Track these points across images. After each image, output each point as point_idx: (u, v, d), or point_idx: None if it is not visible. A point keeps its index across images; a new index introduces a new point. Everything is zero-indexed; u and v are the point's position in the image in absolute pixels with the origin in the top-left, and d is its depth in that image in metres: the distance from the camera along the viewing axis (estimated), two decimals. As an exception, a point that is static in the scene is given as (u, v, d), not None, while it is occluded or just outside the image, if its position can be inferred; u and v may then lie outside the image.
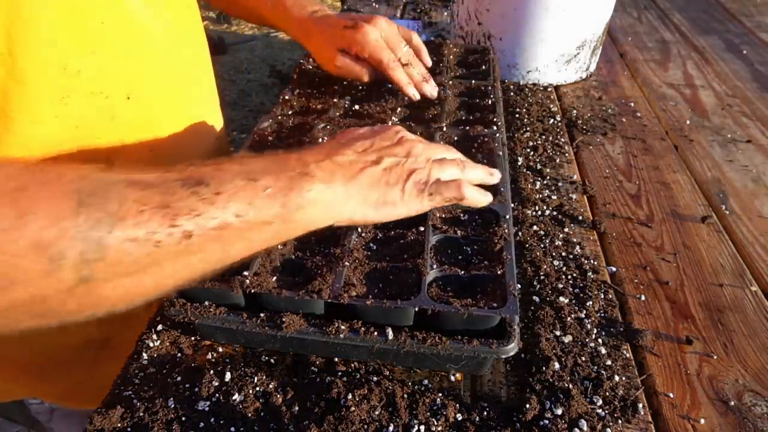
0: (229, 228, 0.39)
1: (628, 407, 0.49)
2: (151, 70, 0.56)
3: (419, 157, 0.52)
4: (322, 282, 0.48)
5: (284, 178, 0.43)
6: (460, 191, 0.51)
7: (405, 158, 0.51)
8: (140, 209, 0.35)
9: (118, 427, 0.45)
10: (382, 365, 0.50)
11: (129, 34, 0.53)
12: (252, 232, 0.41)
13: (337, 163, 0.47)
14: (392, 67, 0.70)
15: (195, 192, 0.38)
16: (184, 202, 0.37)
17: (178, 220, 0.36)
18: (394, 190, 0.49)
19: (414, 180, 0.50)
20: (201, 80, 0.69)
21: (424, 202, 0.51)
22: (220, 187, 0.39)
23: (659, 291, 0.63)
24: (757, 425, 0.49)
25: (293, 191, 0.42)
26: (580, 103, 1.04)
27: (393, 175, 0.49)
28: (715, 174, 0.85)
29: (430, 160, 0.52)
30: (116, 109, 0.53)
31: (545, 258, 0.64)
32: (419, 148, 0.52)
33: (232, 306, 0.49)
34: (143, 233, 0.34)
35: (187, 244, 0.36)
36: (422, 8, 1.51)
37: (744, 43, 1.34)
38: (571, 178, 0.82)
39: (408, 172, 0.50)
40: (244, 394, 0.47)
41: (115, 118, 0.53)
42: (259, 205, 0.40)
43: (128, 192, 0.35)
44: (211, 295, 0.49)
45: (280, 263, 0.52)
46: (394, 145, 0.52)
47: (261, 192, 0.41)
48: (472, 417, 0.47)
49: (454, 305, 0.46)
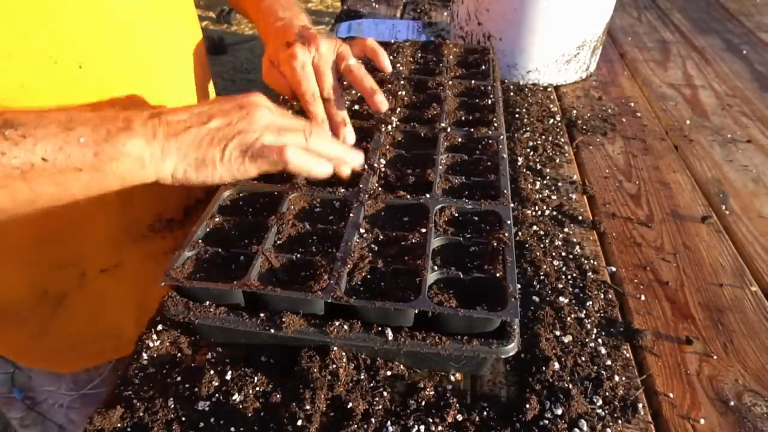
0: (34, 170, 0.42)
1: (628, 407, 0.49)
2: (106, 42, 0.56)
3: (257, 122, 0.51)
4: (323, 282, 0.48)
5: (103, 130, 0.45)
6: (282, 155, 0.50)
7: (239, 121, 0.50)
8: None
9: (118, 427, 0.45)
10: (383, 365, 0.50)
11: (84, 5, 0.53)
12: (62, 176, 0.43)
13: (164, 122, 0.48)
14: (308, 100, 0.62)
15: (1, 132, 0.41)
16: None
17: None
18: (214, 150, 0.49)
19: (238, 141, 0.49)
20: (172, 61, 0.67)
21: (247, 165, 0.50)
22: (30, 131, 0.42)
23: (659, 291, 0.63)
24: (756, 425, 0.49)
25: (108, 143, 0.44)
26: (580, 103, 1.04)
27: (219, 135, 0.49)
28: (715, 174, 0.85)
29: (269, 126, 0.51)
30: (67, 76, 0.53)
31: (545, 258, 0.64)
32: (261, 113, 0.51)
33: (232, 306, 0.49)
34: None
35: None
36: (422, 8, 1.51)
37: (744, 43, 1.34)
38: (571, 178, 0.81)
39: (234, 134, 0.49)
40: (244, 394, 0.47)
41: (65, 85, 0.54)
42: (69, 152, 0.43)
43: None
44: (211, 295, 0.49)
45: (280, 263, 0.52)
46: (233, 108, 0.51)
47: (74, 140, 0.43)
48: (472, 417, 0.47)
49: (454, 307, 0.46)
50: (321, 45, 0.63)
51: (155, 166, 0.47)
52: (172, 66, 0.68)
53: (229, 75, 3.29)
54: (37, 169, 0.42)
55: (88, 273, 0.66)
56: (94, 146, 0.44)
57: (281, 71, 0.64)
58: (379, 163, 0.65)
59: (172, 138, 0.48)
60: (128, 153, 0.45)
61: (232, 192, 0.61)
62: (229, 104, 0.52)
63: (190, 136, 0.48)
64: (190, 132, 0.48)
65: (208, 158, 0.49)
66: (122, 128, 0.46)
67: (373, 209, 0.59)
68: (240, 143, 0.50)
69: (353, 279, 0.50)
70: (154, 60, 0.63)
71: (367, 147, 0.67)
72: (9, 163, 0.41)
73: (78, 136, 0.44)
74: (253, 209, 0.60)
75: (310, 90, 0.62)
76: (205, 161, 0.49)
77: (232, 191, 0.61)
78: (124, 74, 0.59)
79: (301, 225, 0.56)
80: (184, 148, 0.48)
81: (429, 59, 0.91)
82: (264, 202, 0.60)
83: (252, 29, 3.94)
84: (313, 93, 0.63)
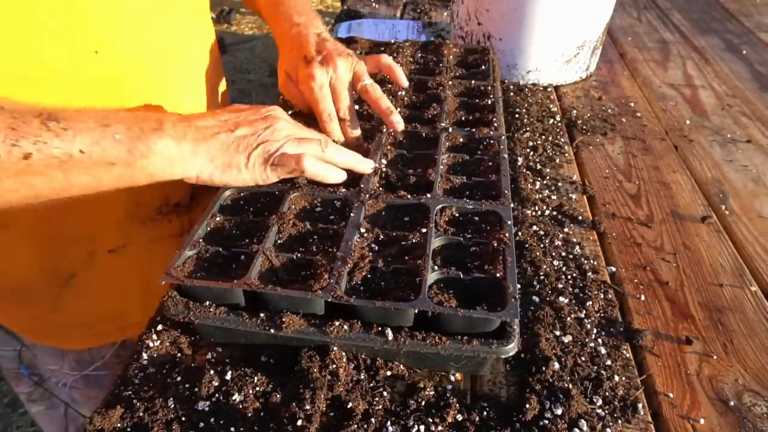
0: (72, 160, 0.45)
1: (628, 407, 0.49)
2: (123, 29, 0.58)
3: (278, 132, 0.56)
4: (323, 281, 0.48)
5: (136, 128, 0.49)
6: (300, 163, 0.55)
7: (263, 131, 0.55)
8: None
9: (118, 427, 0.45)
10: (383, 365, 0.50)
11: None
12: (96, 169, 0.47)
13: (194, 126, 0.52)
14: (325, 120, 0.66)
15: (44, 123, 0.44)
16: (31, 128, 0.43)
17: (20, 142, 0.43)
18: (240, 156, 0.54)
19: (262, 150, 0.54)
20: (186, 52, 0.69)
21: (268, 172, 0.56)
22: (71, 124, 0.45)
23: (659, 291, 0.63)
24: (756, 425, 0.49)
25: (141, 141, 0.48)
26: (580, 103, 1.04)
27: (244, 142, 0.54)
28: (715, 174, 0.85)
29: (290, 137, 0.56)
30: (84, 61, 0.56)
31: (545, 258, 0.64)
32: (282, 125, 0.57)
33: (233, 306, 0.49)
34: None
35: (26, 164, 0.43)
36: (422, 8, 1.51)
37: (744, 43, 1.34)
38: (570, 178, 0.82)
39: (259, 143, 0.54)
40: (244, 394, 0.47)
41: (82, 69, 0.56)
42: (105, 146, 0.47)
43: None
44: (212, 294, 0.49)
45: (281, 263, 0.52)
46: (258, 120, 0.56)
47: (110, 136, 0.47)
48: (472, 417, 0.47)
49: (454, 307, 0.46)
50: (339, 65, 0.66)
51: (183, 165, 0.52)
52: (186, 57, 0.70)
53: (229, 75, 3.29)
54: (75, 160, 0.46)
55: (96, 253, 0.68)
56: (127, 143, 0.48)
57: (299, 89, 0.68)
58: (380, 162, 0.65)
59: (202, 141, 0.52)
60: (158, 152, 0.50)
61: (233, 191, 0.61)
62: (254, 115, 0.57)
63: (219, 142, 0.53)
64: (218, 138, 0.53)
65: (234, 163, 0.54)
66: (154, 128, 0.50)
67: (374, 209, 0.59)
68: (264, 151, 0.55)
69: (353, 278, 0.50)
70: (168, 49, 0.65)
71: (369, 147, 0.68)
72: (50, 152, 0.44)
73: (114, 132, 0.47)
74: (253, 208, 0.60)
75: (327, 110, 0.66)
76: (230, 165, 0.54)
77: (233, 190, 0.61)
78: (139, 61, 0.61)
79: (301, 224, 0.56)
80: (213, 152, 0.53)
81: (429, 59, 0.91)
82: (265, 202, 0.60)
83: (251, 29, 3.94)
84: (330, 113, 0.66)
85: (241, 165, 0.54)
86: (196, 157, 0.52)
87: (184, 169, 0.52)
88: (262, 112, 0.57)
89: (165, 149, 0.50)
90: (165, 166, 0.51)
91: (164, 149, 0.50)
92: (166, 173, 0.51)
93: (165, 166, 0.51)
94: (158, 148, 0.49)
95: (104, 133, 0.47)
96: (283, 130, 0.56)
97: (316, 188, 0.60)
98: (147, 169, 0.50)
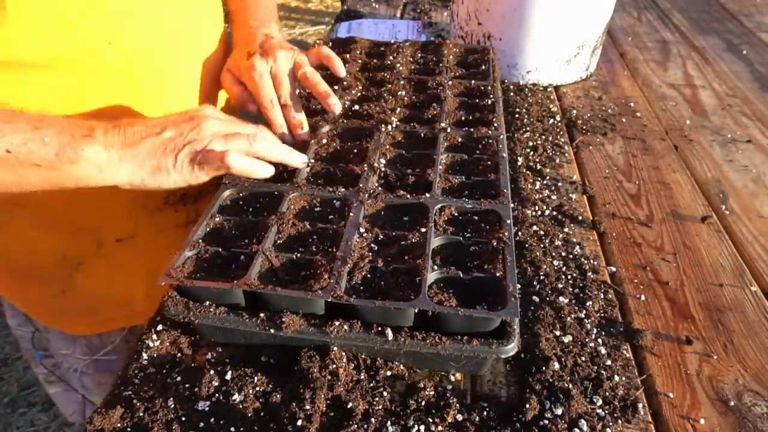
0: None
1: (628, 407, 0.49)
2: (136, 22, 0.60)
3: (204, 131, 0.56)
4: (323, 281, 0.48)
5: (67, 134, 0.50)
6: (224, 160, 0.55)
7: (189, 131, 0.56)
8: None
9: (118, 427, 0.45)
10: (383, 365, 0.50)
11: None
12: (21, 168, 0.49)
13: (123, 132, 0.53)
14: (266, 106, 0.68)
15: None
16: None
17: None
18: (168, 158, 0.54)
19: (188, 150, 0.55)
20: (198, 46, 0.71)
21: (196, 171, 0.56)
22: (1, 125, 0.48)
23: (659, 291, 0.63)
24: (756, 425, 0.49)
25: (69, 146, 0.50)
26: (580, 103, 1.04)
27: (171, 145, 0.54)
28: (715, 174, 0.85)
29: (216, 135, 0.56)
30: (97, 51, 0.58)
31: (545, 258, 0.64)
32: (208, 124, 0.57)
33: (233, 306, 0.49)
34: None
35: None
36: (422, 8, 1.51)
37: (744, 43, 1.34)
38: (571, 178, 0.81)
39: (185, 143, 0.55)
40: (244, 394, 0.47)
41: (95, 59, 0.58)
42: (33, 148, 0.48)
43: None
44: (212, 294, 0.49)
45: (280, 263, 0.52)
46: (185, 121, 0.57)
47: (39, 138, 0.49)
48: (472, 417, 0.47)
49: (454, 307, 0.46)
50: (278, 55, 0.68)
51: (112, 171, 0.52)
52: (198, 47, 0.71)
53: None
54: (1, 159, 0.48)
55: (105, 242, 0.71)
56: (56, 147, 0.49)
57: (243, 81, 0.69)
58: (379, 162, 0.65)
59: (129, 147, 0.53)
60: (87, 158, 0.51)
61: (233, 191, 0.61)
62: (180, 117, 0.57)
63: (146, 146, 0.54)
64: (145, 142, 0.54)
65: (162, 165, 0.54)
66: (85, 135, 0.51)
67: (373, 209, 0.59)
68: (189, 151, 0.55)
69: (353, 278, 0.50)
70: (180, 40, 0.67)
71: (368, 146, 0.68)
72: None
73: (43, 135, 0.49)
74: (253, 209, 0.60)
75: (267, 97, 0.67)
76: (159, 168, 0.54)
77: (233, 191, 0.61)
78: (151, 52, 0.63)
79: (301, 224, 0.56)
80: (140, 156, 0.53)
81: (429, 59, 0.91)
82: (264, 202, 0.60)
83: (252, 29, 3.94)
84: (271, 100, 0.67)
85: (169, 167, 0.54)
86: (124, 164, 0.53)
87: (114, 176, 0.53)
88: (190, 113, 0.58)
89: (93, 155, 0.51)
90: (93, 172, 0.52)
91: (93, 155, 0.51)
92: (95, 179, 0.52)
93: (93, 172, 0.52)
94: (86, 154, 0.50)
95: (34, 135, 0.48)
96: (209, 128, 0.56)
97: (315, 188, 0.60)
98: (74, 173, 0.51)
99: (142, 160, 0.53)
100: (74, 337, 0.81)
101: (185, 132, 0.55)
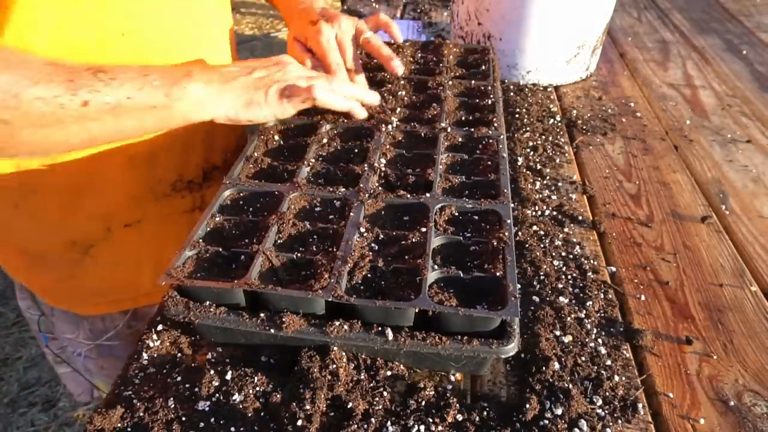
0: (122, 106, 0.52)
1: (628, 407, 0.49)
2: (148, 13, 0.62)
3: (289, 73, 0.64)
4: (324, 281, 0.48)
5: (170, 76, 0.56)
6: (311, 93, 0.62)
7: (275, 72, 0.63)
8: (51, 79, 0.48)
9: (118, 427, 0.45)
10: (383, 365, 0.50)
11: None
12: (141, 112, 0.54)
13: (219, 72, 0.60)
14: (334, 69, 0.73)
15: (95, 75, 0.51)
16: (86, 80, 0.50)
17: (78, 91, 0.49)
18: (259, 93, 0.61)
19: (277, 87, 0.62)
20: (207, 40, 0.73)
21: (284, 104, 0.63)
22: (117, 75, 0.52)
23: (659, 291, 0.63)
24: (756, 425, 0.49)
25: (176, 85, 0.55)
26: (580, 103, 1.04)
27: (261, 82, 0.62)
28: (715, 174, 0.85)
29: (300, 76, 0.64)
30: (111, 42, 0.60)
31: (545, 258, 0.64)
32: (291, 68, 0.65)
33: (233, 306, 0.49)
34: (50, 95, 0.48)
35: (85, 111, 0.50)
36: (422, 8, 1.51)
37: (744, 43, 1.34)
38: (571, 178, 0.82)
39: (274, 81, 0.62)
40: (244, 394, 0.47)
41: (108, 50, 0.60)
42: (148, 92, 0.54)
43: (45, 67, 0.49)
44: (212, 294, 0.49)
45: (281, 262, 0.52)
46: (272, 65, 0.64)
47: (149, 82, 0.54)
48: (472, 417, 0.47)
49: (454, 307, 0.46)
50: (342, 22, 0.74)
51: (212, 105, 0.58)
52: (208, 40, 0.74)
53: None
54: (123, 106, 0.52)
55: (113, 227, 0.74)
56: (166, 87, 0.55)
57: (309, 46, 0.75)
58: (380, 162, 0.65)
59: (226, 83, 0.59)
60: (191, 94, 0.56)
61: (233, 191, 0.61)
62: (267, 61, 0.65)
63: (239, 83, 0.61)
64: (239, 80, 0.61)
65: (254, 100, 0.61)
66: (185, 74, 0.57)
67: (374, 208, 0.59)
68: (278, 88, 0.62)
69: (354, 278, 0.50)
70: (191, 32, 0.69)
71: (368, 146, 0.68)
72: (103, 99, 0.51)
73: (152, 80, 0.54)
74: (253, 208, 0.60)
75: (335, 60, 0.73)
76: (252, 102, 0.61)
77: (233, 190, 0.61)
78: (163, 43, 0.65)
79: (301, 224, 0.56)
80: (236, 91, 0.60)
81: (429, 59, 0.91)
82: (264, 202, 0.60)
83: (252, 30, 3.94)
84: (338, 63, 0.73)
85: (261, 101, 0.61)
86: (222, 98, 0.59)
87: (213, 110, 0.58)
88: (274, 59, 0.66)
89: (196, 91, 0.57)
90: (198, 106, 0.57)
91: (195, 91, 0.57)
92: (197, 114, 0.58)
93: (198, 106, 0.57)
94: (189, 90, 0.56)
95: (144, 81, 0.53)
96: (293, 71, 0.64)
97: (315, 188, 0.60)
98: (182, 110, 0.56)
99: (237, 95, 0.60)
100: (78, 321, 0.83)
101: (272, 73, 0.63)
